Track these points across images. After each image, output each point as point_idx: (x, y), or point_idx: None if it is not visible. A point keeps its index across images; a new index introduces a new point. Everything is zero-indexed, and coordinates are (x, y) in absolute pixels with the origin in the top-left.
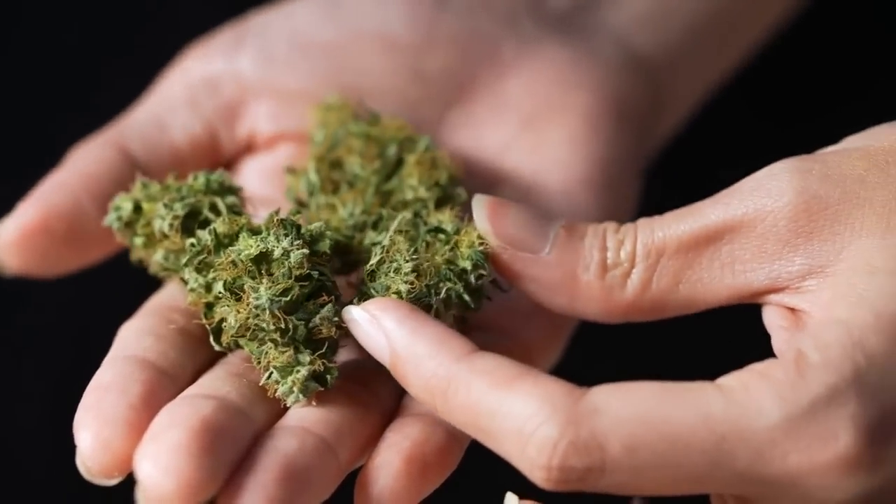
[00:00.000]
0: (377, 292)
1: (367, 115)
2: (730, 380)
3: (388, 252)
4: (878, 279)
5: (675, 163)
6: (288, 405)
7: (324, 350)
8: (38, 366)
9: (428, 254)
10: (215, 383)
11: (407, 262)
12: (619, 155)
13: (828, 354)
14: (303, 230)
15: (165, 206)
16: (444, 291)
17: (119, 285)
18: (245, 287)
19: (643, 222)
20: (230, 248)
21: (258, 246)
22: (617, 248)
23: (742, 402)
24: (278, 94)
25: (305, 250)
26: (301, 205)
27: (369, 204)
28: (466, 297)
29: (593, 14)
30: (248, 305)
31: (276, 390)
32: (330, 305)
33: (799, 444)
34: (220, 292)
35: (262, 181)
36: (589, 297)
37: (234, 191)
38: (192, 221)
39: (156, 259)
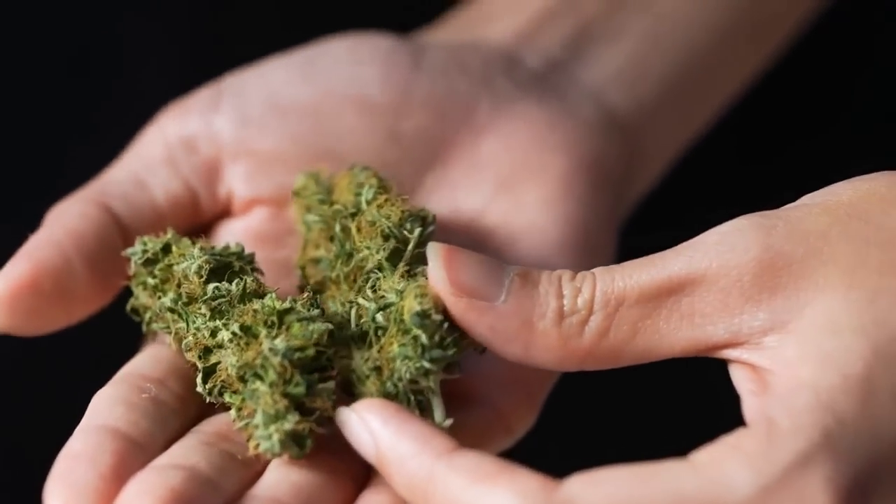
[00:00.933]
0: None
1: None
2: (702, 455)
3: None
4: (844, 338)
5: (650, 206)
6: (260, 451)
7: (312, 418)
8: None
9: (382, 341)
10: (186, 452)
11: (366, 363)
12: (595, 216)
13: (797, 420)
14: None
15: (202, 250)
16: (405, 375)
17: (88, 349)
18: (261, 334)
19: (602, 270)
20: (257, 300)
21: (287, 305)
22: (574, 295)
23: (714, 477)
24: (254, 157)
25: (330, 326)
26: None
27: (346, 293)
28: (427, 364)
29: (568, 72)
30: (259, 349)
31: (250, 436)
32: (333, 382)
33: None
34: (232, 333)
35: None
36: (545, 345)
37: (257, 269)
38: (214, 277)
39: (163, 302)
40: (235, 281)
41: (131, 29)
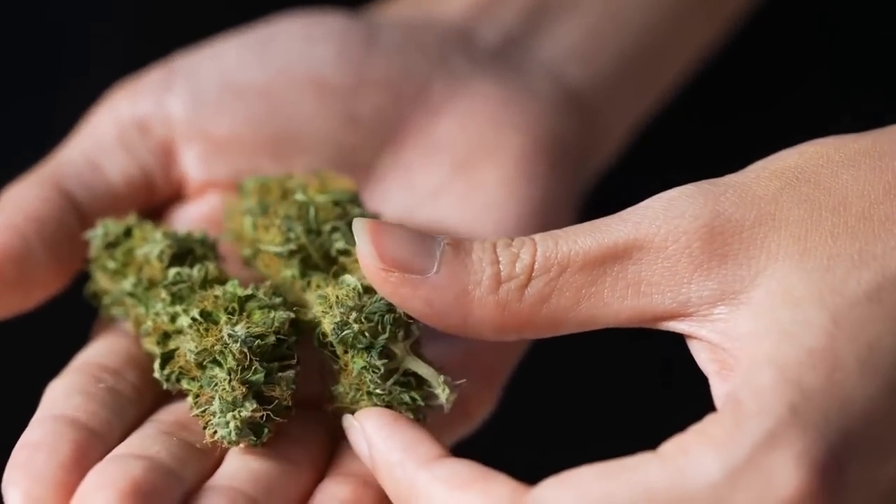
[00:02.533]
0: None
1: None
2: (669, 446)
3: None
4: (803, 310)
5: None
6: (217, 439)
7: (270, 407)
8: None
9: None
10: (145, 442)
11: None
12: (554, 196)
13: (762, 399)
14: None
15: (165, 235)
16: (373, 384)
17: (38, 336)
18: (221, 321)
19: (544, 235)
20: (218, 286)
21: (249, 291)
22: (511, 260)
23: (682, 466)
24: (208, 140)
25: (291, 315)
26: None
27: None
28: (379, 350)
29: (525, 48)
30: (218, 334)
31: (207, 423)
32: (293, 372)
33: (747, 495)
34: (192, 318)
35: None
36: (482, 315)
37: (219, 256)
38: (176, 262)
39: (123, 286)
40: (197, 267)
41: (75, 4)
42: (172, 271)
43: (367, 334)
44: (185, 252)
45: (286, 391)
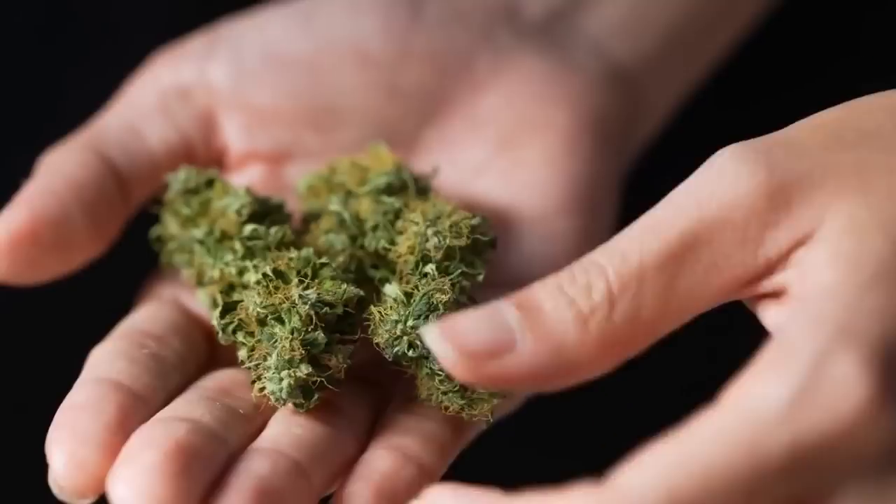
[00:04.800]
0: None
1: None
2: (730, 394)
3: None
4: (866, 238)
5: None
6: (266, 394)
7: (325, 374)
8: None
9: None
10: (188, 406)
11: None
12: (598, 175)
13: (815, 319)
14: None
15: (248, 192)
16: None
17: (80, 301)
18: (292, 282)
19: (605, 252)
20: (294, 250)
21: (325, 260)
22: (586, 293)
23: (747, 406)
24: (250, 110)
25: (361, 293)
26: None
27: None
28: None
29: (570, 22)
30: (288, 294)
31: (258, 377)
32: (352, 347)
33: (817, 410)
34: (262, 274)
35: None
36: (586, 358)
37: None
38: (253, 221)
39: (193, 233)
40: (275, 228)
41: None
42: (249, 227)
43: (418, 343)
44: (263, 213)
45: (342, 363)
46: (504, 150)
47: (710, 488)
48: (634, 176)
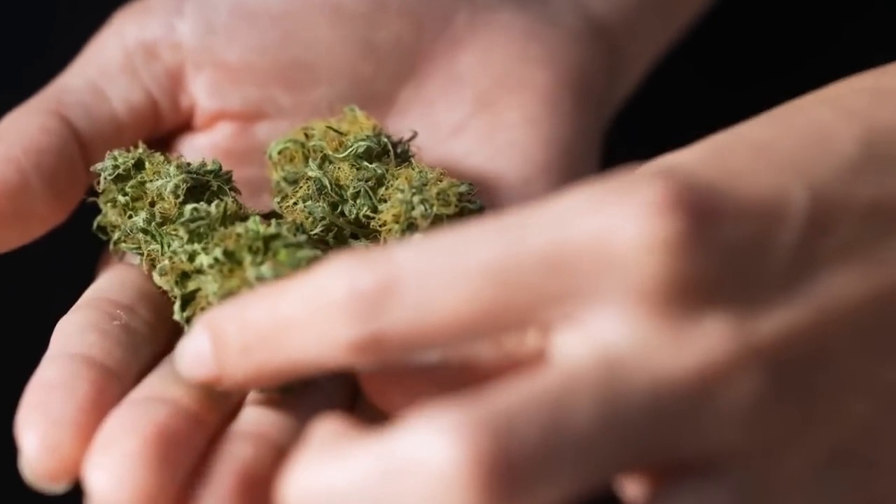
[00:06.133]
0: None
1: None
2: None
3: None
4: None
5: (621, 133)
6: None
7: None
8: None
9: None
10: (164, 384)
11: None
12: (579, 135)
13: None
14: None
15: (178, 167)
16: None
17: (39, 271)
18: (245, 260)
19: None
20: (239, 223)
21: (273, 230)
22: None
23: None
24: (219, 67)
25: (319, 252)
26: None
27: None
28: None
29: None
30: (243, 276)
31: None
32: None
33: (602, 205)
34: (214, 259)
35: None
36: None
37: (235, 189)
38: (191, 197)
39: (135, 221)
40: (215, 203)
41: None
42: (188, 207)
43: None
44: (200, 186)
45: None
46: (483, 110)
47: (457, 243)
48: (611, 136)
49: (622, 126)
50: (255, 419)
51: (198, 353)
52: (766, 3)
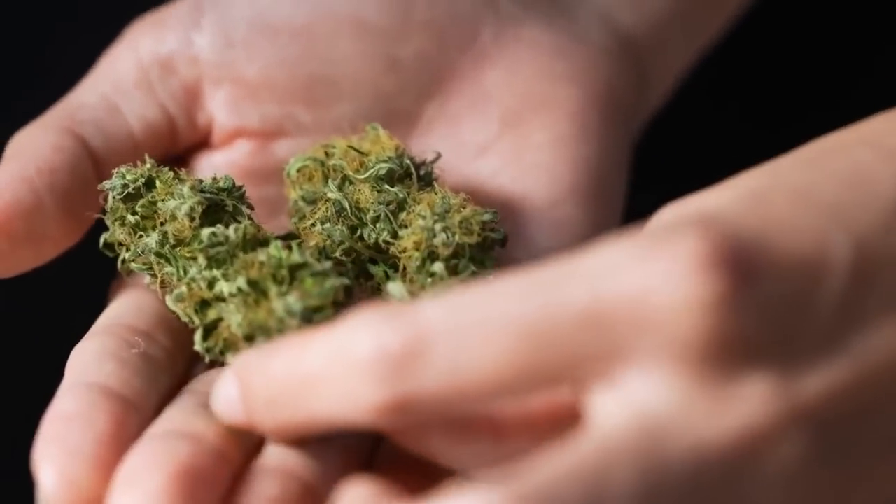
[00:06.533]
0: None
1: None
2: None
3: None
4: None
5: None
6: None
7: None
8: None
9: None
10: (186, 417)
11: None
12: (608, 156)
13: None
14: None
15: (192, 188)
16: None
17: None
18: (271, 292)
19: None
20: (260, 249)
21: (298, 258)
22: None
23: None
24: (239, 83)
25: (346, 281)
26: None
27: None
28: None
29: None
30: (270, 307)
31: None
32: None
33: (641, 262)
34: (237, 288)
35: None
36: None
37: (250, 206)
38: (206, 218)
39: (147, 243)
40: (234, 226)
41: None
42: (206, 232)
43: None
44: (214, 206)
45: None
46: (509, 130)
47: (490, 305)
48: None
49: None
50: (279, 455)
51: (229, 400)
52: (788, 30)
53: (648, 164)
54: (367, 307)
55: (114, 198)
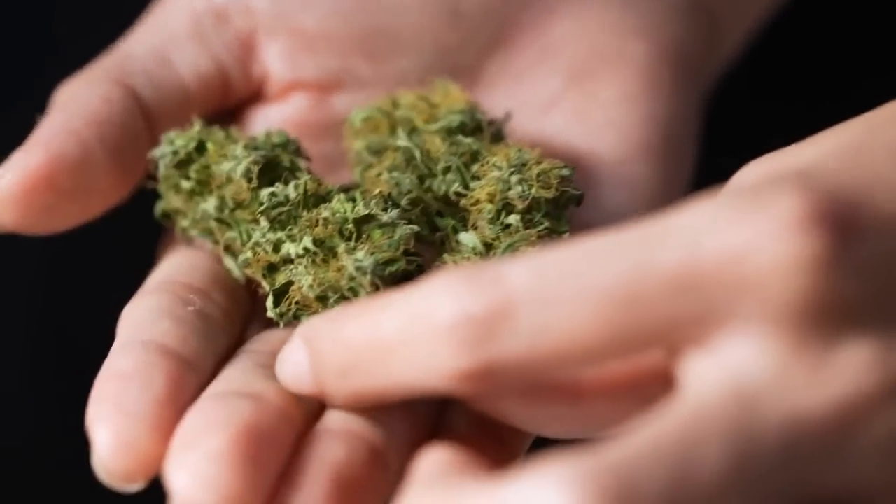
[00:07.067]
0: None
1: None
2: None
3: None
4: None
5: None
6: None
7: None
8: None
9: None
10: (246, 378)
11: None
12: (679, 113)
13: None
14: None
15: (246, 147)
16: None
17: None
18: (339, 249)
19: None
20: (323, 205)
21: (363, 210)
22: None
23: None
24: (295, 34)
25: (416, 228)
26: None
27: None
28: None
29: None
30: (340, 265)
31: None
32: None
33: (737, 221)
34: (303, 249)
35: None
36: None
37: (307, 158)
38: (263, 177)
39: (206, 209)
40: (293, 183)
41: None
42: (265, 192)
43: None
44: (270, 163)
45: None
46: (576, 85)
47: (579, 264)
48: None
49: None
50: (343, 418)
51: (297, 368)
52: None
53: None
54: (445, 269)
55: (165, 166)
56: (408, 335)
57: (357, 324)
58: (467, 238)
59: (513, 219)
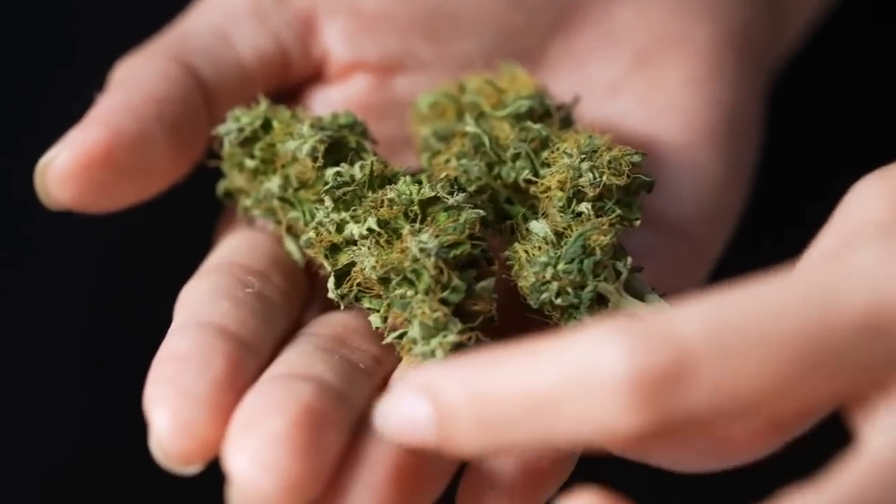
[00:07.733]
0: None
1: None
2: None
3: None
4: None
5: None
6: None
7: (475, 325)
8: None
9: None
10: (305, 360)
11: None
12: (744, 97)
13: None
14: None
15: (312, 127)
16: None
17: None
18: (403, 230)
19: None
20: (388, 187)
21: (429, 192)
22: None
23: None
24: (356, 14)
25: (482, 212)
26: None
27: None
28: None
29: None
30: (404, 247)
31: (409, 349)
32: (493, 280)
33: None
34: (367, 229)
35: None
36: None
37: (374, 141)
38: (328, 157)
39: (269, 188)
40: (359, 164)
41: None
42: (330, 172)
43: (569, 290)
44: (336, 144)
45: (490, 303)
46: (640, 69)
47: (755, 320)
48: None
49: None
50: None
51: (412, 419)
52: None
53: None
54: (604, 317)
55: (230, 143)
56: (572, 390)
57: (501, 375)
58: (538, 227)
59: (584, 207)
